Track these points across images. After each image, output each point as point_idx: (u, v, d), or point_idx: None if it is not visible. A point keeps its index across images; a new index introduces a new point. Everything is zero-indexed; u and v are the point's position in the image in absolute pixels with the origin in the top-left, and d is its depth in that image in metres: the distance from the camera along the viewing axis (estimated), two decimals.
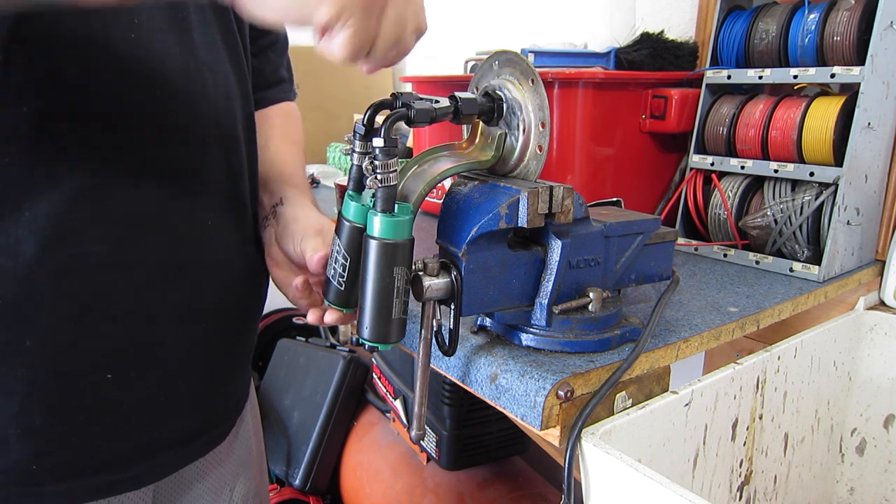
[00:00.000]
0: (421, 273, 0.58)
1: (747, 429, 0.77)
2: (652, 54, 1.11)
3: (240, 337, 0.74)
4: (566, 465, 0.56)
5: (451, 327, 0.60)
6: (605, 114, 1.05)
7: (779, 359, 0.79)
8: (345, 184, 0.65)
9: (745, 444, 0.77)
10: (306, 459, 1.72)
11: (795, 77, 0.93)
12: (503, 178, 0.62)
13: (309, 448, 1.72)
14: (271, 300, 0.77)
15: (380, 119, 0.55)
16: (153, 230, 0.61)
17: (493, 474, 1.46)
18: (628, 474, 0.53)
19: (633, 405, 0.62)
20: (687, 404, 0.66)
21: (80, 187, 0.55)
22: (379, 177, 0.52)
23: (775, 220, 0.93)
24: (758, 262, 0.96)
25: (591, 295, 0.63)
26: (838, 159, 0.89)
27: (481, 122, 0.63)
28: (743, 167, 0.97)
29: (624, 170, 1.10)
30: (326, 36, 0.44)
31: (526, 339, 0.63)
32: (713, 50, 1.05)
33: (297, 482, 1.71)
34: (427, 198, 0.59)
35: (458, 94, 0.60)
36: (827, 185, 0.89)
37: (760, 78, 0.97)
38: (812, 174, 0.90)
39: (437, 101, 0.57)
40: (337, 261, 0.59)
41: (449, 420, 1.42)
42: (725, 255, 1.00)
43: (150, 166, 0.60)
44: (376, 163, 0.52)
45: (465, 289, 0.58)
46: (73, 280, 0.57)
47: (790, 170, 0.92)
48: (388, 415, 1.69)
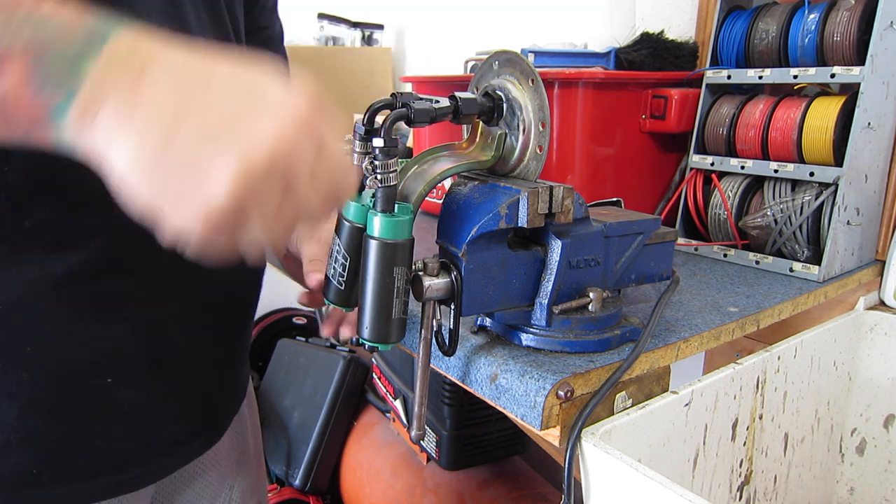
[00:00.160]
0: (421, 273, 0.58)
1: (747, 429, 0.77)
2: (652, 54, 1.10)
3: (237, 333, 0.74)
4: (566, 465, 0.56)
5: (451, 327, 0.60)
6: (605, 114, 1.04)
7: (779, 359, 0.79)
8: None
9: (745, 444, 0.77)
10: (306, 459, 1.72)
11: (795, 77, 0.93)
12: (503, 178, 0.62)
13: (309, 448, 1.72)
14: (271, 300, 0.77)
15: (380, 119, 0.55)
16: (153, 234, 0.61)
17: (493, 474, 1.46)
18: (628, 474, 0.53)
19: (633, 405, 0.62)
20: (687, 404, 0.66)
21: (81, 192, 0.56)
22: (379, 177, 0.52)
23: (775, 220, 0.93)
24: (758, 262, 0.96)
25: (591, 295, 0.63)
26: (838, 159, 0.89)
27: (481, 122, 0.63)
28: (743, 167, 0.97)
29: (624, 170, 1.10)
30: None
31: (526, 339, 0.63)
32: (713, 50, 1.05)
33: (297, 482, 1.71)
34: (427, 198, 0.59)
35: (458, 94, 0.60)
36: (827, 185, 0.89)
37: (760, 78, 0.97)
38: (812, 174, 0.90)
39: (437, 101, 0.57)
40: (337, 260, 0.59)
41: (449, 420, 1.42)
42: (725, 255, 1.00)
43: None
44: (376, 163, 0.52)
45: (465, 289, 0.58)
46: (75, 285, 0.57)
47: (790, 170, 0.92)
48: (388, 415, 1.69)
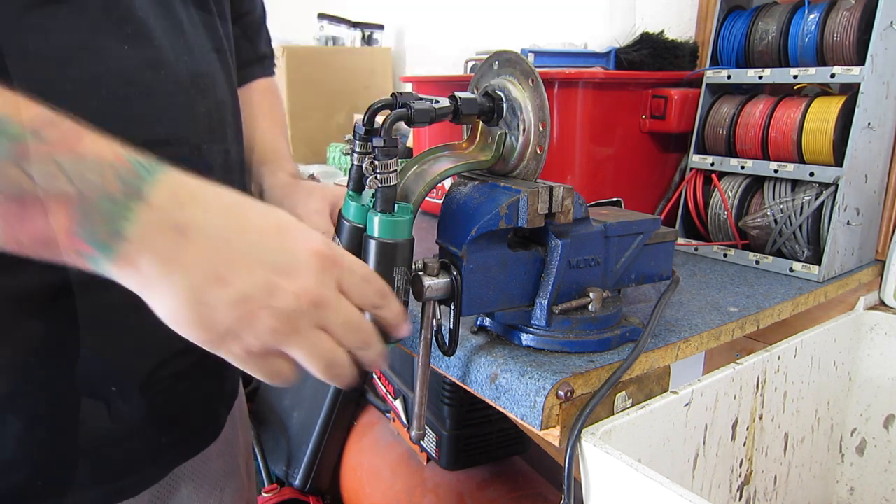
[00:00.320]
0: (421, 273, 0.58)
1: (747, 429, 0.77)
2: (652, 54, 1.11)
3: None
4: (566, 465, 0.56)
5: (451, 327, 0.60)
6: (605, 114, 1.04)
7: (779, 359, 0.79)
8: (345, 184, 0.65)
9: (745, 444, 0.77)
10: (306, 459, 1.72)
11: (795, 77, 0.93)
12: (503, 178, 0.62)
13: (309, 448, 1.72)
14: None
15: (380, 119, 0.55)
16: None
17: (493, 474, 1.46)
18: (628, 474, 0.53)
19: (633, 405, 0.62)
20: (687, 404, 0.66)
21: None
22: (379, 177, 0.52)
23: (775, 220, 0.93)
24: (758, 262, 0.96)
25: (591, 295, 0.63)
26: (838, 159, 0.89)
27: (481, 122, 0.63)
28: (743, 167, 0.97)
29: (624, 170, 1.10)
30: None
31: (526, 339, 0.63)
32: (713, 50, 1.05)
33: (297, 482, 1.71)
34: (427, 198, 0.59)
35: (458, 94, 0.60)
36: (827, 185, 0.89)
37: (760, 78, 0.97)
38: (812, 174, 0.90)
39: (437, 101, 0.57)
40: None
41: (449, 420, 1.42)
42: (725, 255, 1.00)
43: None
44: (376, 163, 0.52)
45: (465, 289, 0.58)
46: (73, 298, 0.56)
47: (790, 170, 0.92)
48: (388, 415, 1.69)
